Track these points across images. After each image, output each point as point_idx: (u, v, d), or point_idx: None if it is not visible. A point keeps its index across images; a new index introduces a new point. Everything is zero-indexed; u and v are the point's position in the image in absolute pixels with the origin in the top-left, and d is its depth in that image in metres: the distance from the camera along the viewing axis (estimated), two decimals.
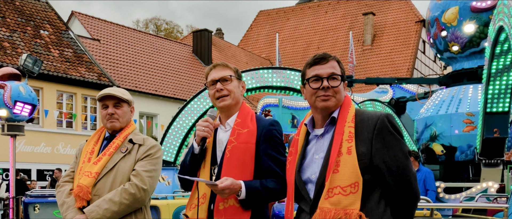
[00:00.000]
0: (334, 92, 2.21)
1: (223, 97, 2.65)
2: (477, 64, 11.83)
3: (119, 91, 3.10)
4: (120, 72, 24.18)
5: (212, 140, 2.68)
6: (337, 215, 2.04)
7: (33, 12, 21.80)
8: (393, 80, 13.71)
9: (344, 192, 2.06)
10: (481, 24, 11.52)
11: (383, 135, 2.12)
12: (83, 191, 2.90)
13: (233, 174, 2.52)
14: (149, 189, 2.94)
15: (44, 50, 20.46)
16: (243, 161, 2.56)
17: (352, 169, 2.07)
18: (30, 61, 10.65)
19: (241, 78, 2.76)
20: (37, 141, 19.23)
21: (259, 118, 2.70)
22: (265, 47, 41.12)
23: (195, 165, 2.68)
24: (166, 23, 53.39)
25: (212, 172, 2.64)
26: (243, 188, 2.47)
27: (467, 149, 11.19)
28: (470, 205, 6.10)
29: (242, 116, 2.66)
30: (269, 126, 2.63)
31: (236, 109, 2.70)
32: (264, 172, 2.58)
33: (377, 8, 38.31)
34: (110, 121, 3.06)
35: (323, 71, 2.22)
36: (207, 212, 2.59)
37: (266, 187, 2.52)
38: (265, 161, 2.58)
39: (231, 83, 2.67)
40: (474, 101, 11.24)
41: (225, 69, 2.69)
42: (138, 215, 2.97)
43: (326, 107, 2.21)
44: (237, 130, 2.61)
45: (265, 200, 2.57)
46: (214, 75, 2.67)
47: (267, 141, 2.60)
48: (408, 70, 33.74)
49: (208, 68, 2.74)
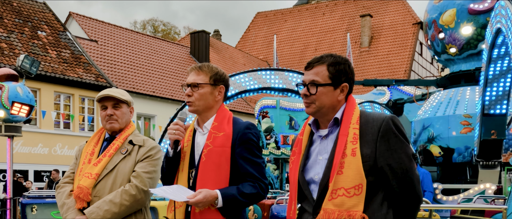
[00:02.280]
0: (313, 99, 2.21)
1: (189, 102, 2.66)
2: (474, 66, 11.88)
3: (118, 92, 3.10)
4: (118, 73, 24.17)
5: (190, 143, 2.69)
6: (340, 216, 2.05)
7: (31, 13, 21.77)
8: (390, 82, 13.75)
9: (348, 193, 2.06)
10: (478, 26, 11.57)
11: (388, 138, 2.12)
12: (83, 192, 2.90)
13: (209, 178, 2.54)
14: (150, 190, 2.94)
15: (41, 51, 20.43)
16: (219, 165, 2.57)
17: (356, 171, 2.07)
18: (27, 62, 10.63)
19: (220, 82, 2.70)
20: (34, 142, 19.19)
21: (235, 121, 2.69)
22: (262, 48, 41.14)
23: (172, 169, 2.70)
24: (163, 24, 53.39)
25: (190, 176, 2.65)
26: (219, 198, 2.49)
27: (465, 150, 11.23)
28: (469, 206, 6.11)
29: (219, 119, 2.66)
30: (244, 129, 2.63)
31: (212, 112, 2.69)
32: (241, 175, 2.59)
33: (374, 10, 38.38)
34: (109, 122, 3.06)
35: (306, 77, 2.25)
36: (184, 214, 2.61)
37: (243, 193, 2.53)
38: (241, 164, 2.58)
39: (201, 90, 2.64)
40: (472, 103, 11.28)
41: (199, 74, 2.66)
42: (138, 216, 2.98)
43: (308, 113, 2.25)
44: (214, 134, 2.62)
45: (243, 205, 2.58)
46: (187, 79, 2.68)
47: (242, 144, 2.60)
48: (406, 72, 33.80)
49: (188, 69, 2.75)
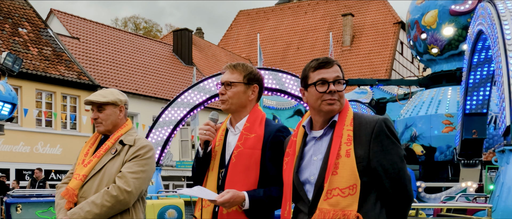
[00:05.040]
0: (339, 96, 2.25)
1: (223, 101, 2.65)
2: (456, 66, 12.09)
3: (101, 94, 3.08)
4: (100, 71, 23.98)
5: (221, 143, 2.68)
6: (335, 216, 2.09)
7: (11, 10, 21.47)
8: (374, 82, 13.91)
9: (343, 193, 2.11)
10: (459, 27, 11.77)
11: (381, 139, 2.18)
12: (69, 193, 2.94)
13: (238, 179, 2.54)
14: (134, 191, 2.90)
15: (22, 48, 20.18)
16: (248, 167, 2.55)
17: (350, 172, 2.12)
18: (10, 59, 10.53)
19: (254, 82, 2.68)
20: (16, 140, 18.95)
21: (268, 123, 2.66)
22: (245, 47, 41.14)
23: (202, 169, 2.69)
24: (145, 22, 53.01)
25: (220, 176, 2.64)
26: (246, 200, 2.48)
27: (446, 149, 11.43)
28: (454, 205, 6.25)
29: (251, 120, 2.64)
30: (276, 132, 2.61)
31: (244, 112, 2.67)
32: (269, 178, 2.56)
33: (356, 9, 38.65)
34: (96, 125, 3.09)
35: (328, 75, 2.24)
36: (212, 215, 2.60)
37: (270, 196, 2.52)
38: (270, 167, 2.56)
39: (234, 88, 2.63)
40: (453, 103, 11.47)
41: (233, 73, 2.66)
42: (124, 216, 2.96)
43: (332, 111, 2.24)
44: (245, 135, 2.60)
45: (269, 209, 2.56)
46: (221, 78, 2.67)
47: (273, 147, 2.57)
48: (387, 71, 34.13)
49: (223, 67, 2.73)
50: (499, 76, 6.73)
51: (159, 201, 8.92)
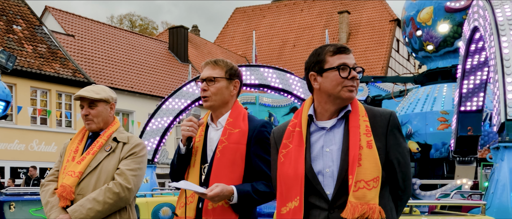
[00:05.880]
0: (358, 84, 2.16)
1: (205, 98, 2.62)
2: (451, 63, 12.08)
3: (94, 91, 3.05)
4: (95, 69, 23.91)
5: (202, 139, 2.65)
6: (363, 210, 2.00)
7: (6, 7, 21.37)
8: (369, 79, 13.88)
9: (368, 186, 2.01)
10: (455, 24, 11.76)
11: (395, 132, 2.13)
12: (66, 191, 2.88)
13: (223, 174, 2.51)
14: (134, 188, 2.93)
15: (17, 45, 20.09)
16: (234, 162, 2.53)
17: (374, 163, 2.03)
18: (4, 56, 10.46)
19: (234, 77, 2.66)
20: (10, 138, 18.89)
21: (251, 118, 2.66)
22: (241, 44, 41.11)
23: (183, 165, 2.67)
24: (140, 19, 52.93)
25: (202, 171, 2.61)
26: (235, 194, 2.45)
27: (442, 146, 11.43)
28: (448, 202, 6.24)
29: (234, 116, 2.63)
30: (260, 127, 2.60)
31: (226, 108, 2.66)
32: (255, 173, 2.55)
33: (352, 6, 38.67)
34: (86, 122, 3.05)
35: (349, 61, 2.12)
36: (195, 211, 2.57)
37: (257, 191, 2.50)
38: (256, 162, 2.55)
39: (217, 84, 2.61)
40: (449, 100, 11.47)
41: (215, 69, 2.63)
42: (122, 214, 2.96)
43: (351, 98, 2.12)
44: (229, 130, 2.58)
45: (256, 203, 2.55)
46: (202, 74, 2.64)
47: (258, 143, 2.56)
48: (382, 68, 34.17)
49: (202, 64, 2.71)
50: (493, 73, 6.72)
51: (153, 199, 8.87)
